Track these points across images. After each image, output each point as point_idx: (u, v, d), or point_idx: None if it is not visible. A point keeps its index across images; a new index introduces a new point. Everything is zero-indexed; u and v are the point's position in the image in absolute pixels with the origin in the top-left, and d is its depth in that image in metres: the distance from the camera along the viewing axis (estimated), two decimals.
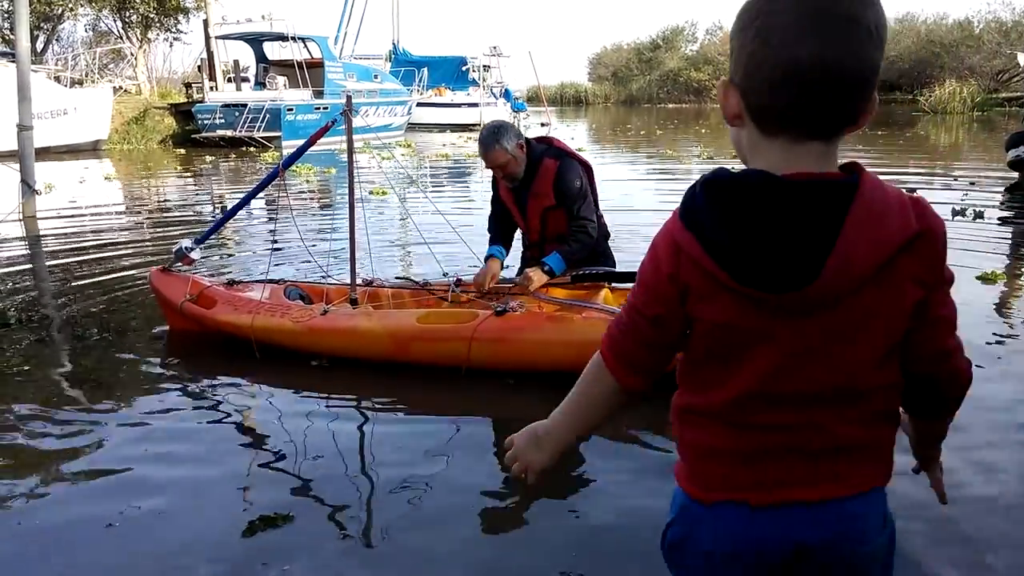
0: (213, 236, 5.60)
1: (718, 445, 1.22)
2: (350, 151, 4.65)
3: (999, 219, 8.67)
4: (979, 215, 8.47)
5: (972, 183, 11.40)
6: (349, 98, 4.75)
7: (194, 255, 4.97)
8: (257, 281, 5.07)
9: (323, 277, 5.27)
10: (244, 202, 4.94)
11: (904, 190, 1.16)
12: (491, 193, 4.84)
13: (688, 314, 1.18)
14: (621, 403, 1.32)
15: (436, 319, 4.22)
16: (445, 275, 4.90)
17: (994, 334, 4.69)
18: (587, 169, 4.57)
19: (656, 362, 1.27)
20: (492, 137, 4.38)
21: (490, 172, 4.62)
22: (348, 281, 4.74)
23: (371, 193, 10.57)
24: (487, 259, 4.59)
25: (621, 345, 1.27)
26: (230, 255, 7.76)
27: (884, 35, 1.08)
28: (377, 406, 3.87)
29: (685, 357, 1.25)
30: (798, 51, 1.05)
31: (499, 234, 4.75)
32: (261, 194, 4.97)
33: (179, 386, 4.16)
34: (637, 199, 10.23)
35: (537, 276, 4.34)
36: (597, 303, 4.09)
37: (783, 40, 1.06)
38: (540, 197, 4.47)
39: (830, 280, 1.07)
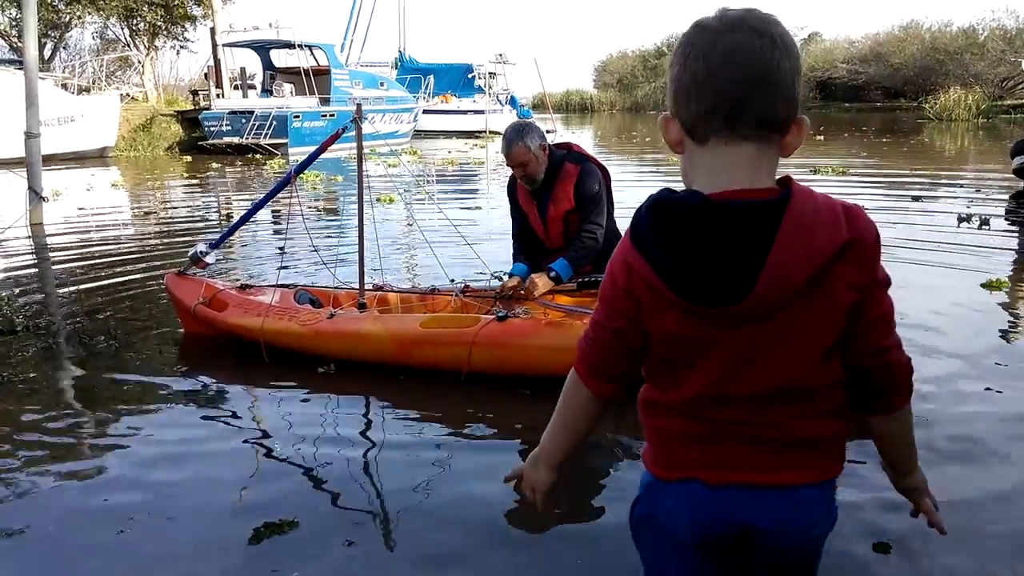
0: (227, 241, 5.63)
1: (679, 430, 1.32)
2: (359, 159, 4.68)
3: (1005, 225, 8.66)
4: (985, 222, 8.47)
5: (978, 190, 11.39)
6: (359, 106, 4.78)
7: (209, 259, 5.06)
8: (269, 285, 5.11)
9: (337, 281, 5.29)
10: (257, 207, 5.00)
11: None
12: (509, 205, 4.82)
13: (644, 326, 1.28)
14: (599, 412, 1.42)
15: (438, 323, 4.25)
16: (452, 281, 4.92)
17: (998, 341, 4.69)
18: (605, 175, 4.58)
19: (624, 370, 1.36)
20: (516, 134, 4.41)
21: (504, 181, 4.63)
22: (357, 286, 4.76)
23: (379, 200, 10.60)
24: (510, 276, 4.60)
25: (591, 357, 1.37)
26: (245, 259, 7.81)
27: (791, 47, 1.20)
28: (383, 412, 3.89)
29: (645, 361, 1.35)
30: (710, 60, 1.19)
31: (524, 250, 4.74)
32: (273, 200, 5.00)
33: (186, 392, 4.18)
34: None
35: (542, 282, 4.35)
36: None
37: (697, 56, 1.20)
38: (561, 202, 4.48)
39: (763, 293, 1.16)
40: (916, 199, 10.45)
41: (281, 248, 7.63)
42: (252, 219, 5.32)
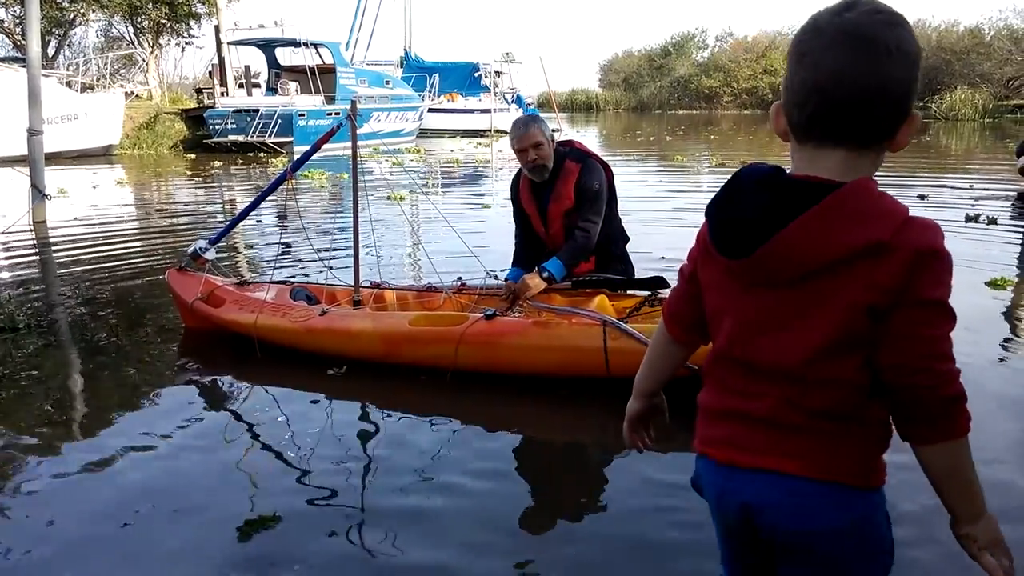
0: (228, 237, 5.63)
1: (704, 404, 1.43)
2: (354, 155, 4.68)
3: (1010, 225, 8.62)
4: (993, 221, 8.47)
5: (986, 189, 11.35)
6: (353, 103, 4.78)
7: (208, 255, 5.06)
8: (267, 281, 5.10)
9: (333, 278, 5.28)
10: (255, 204, 5.00)
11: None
12: (512, 207, 4.81)
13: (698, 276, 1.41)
14: (677, 354, 1.56)
15: (427, 322, 4.24)
16: (459, 279, 4.91)
17: (1001, 339, 4.66)
18: (608, 173, 4.55)
19: (693, 319, 1.47)
20: (530, 119, 4.48)
21: (508, 180, 4.61)
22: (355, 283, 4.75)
23: (388, 198, 10.61)
24: (506, 280, 4.59)
25: (671, 303, 1.53)
26: (249, 256, 7.83)
27: (906, 55, 1.19)
28: (378, 409, 3.86)
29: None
30: (821, 66, 1.20)
31: (523, 255, 4.73)
32: (275, 198, 5.02)
33: (186, 388, 4.18)
34: (646, 202, 10.21)
35: (534, 283, 4.33)
36: (589, 310, 4.07)
37: (812, 59, 1.22)
38: (562, 200, 4.46)
39: (766, 255, 1.23)
40: (922, 197, 10.42)
41: (287, 244, 7.64)
42: (255, 216, 5.34)
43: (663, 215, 9.32)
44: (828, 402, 1.26)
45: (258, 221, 9.53)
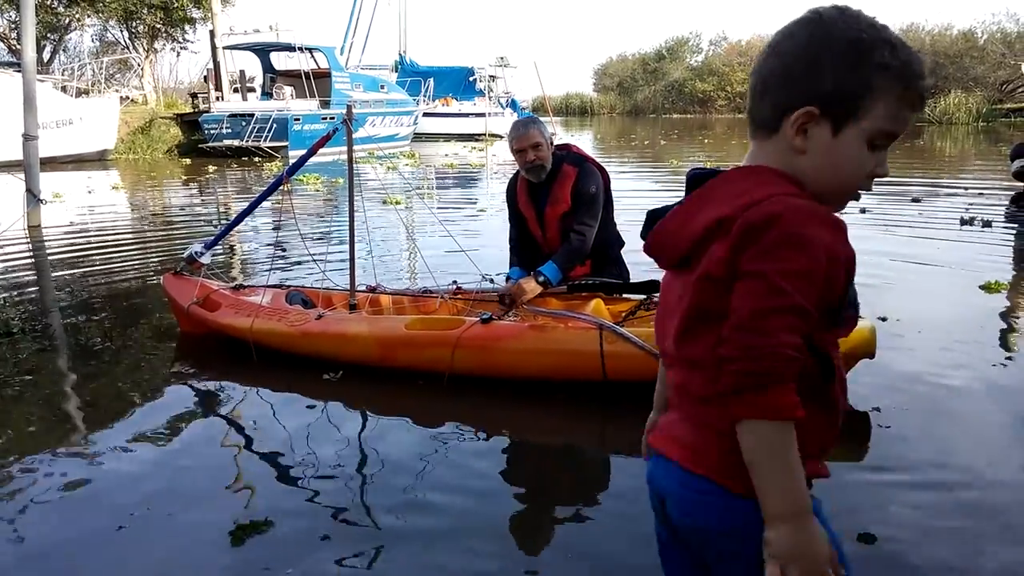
0: (224, 241, 5.63)
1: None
2: (350, 160, 4.68)
3: (1003, 228, 8.64)
4: (987, 224, 8.50)
5: (980, 193, 11.38)
6: (349, 107, 4.79)
7: (204, 260, 5.06)
8: (263, 286, 5.10)
9: (330, 282, 5.28)
10: (250, 209, 5.00)
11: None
12: (508, 209, 4.82)
13: None
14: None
15: (423, 325, 4.24)
16: (454, 283, 4.91)
17: (993, 342, 4.68)
18: (605, 177, 4.56)
19: None
20: (529, 121, 4.51)
21: (504, 184, 4.61)
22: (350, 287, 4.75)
23: (384, 202, 10.60)
24: (506, 280, 4.59)
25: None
26: (245, 260, 7.81)
27: (796, 52, 1.22)
28: (373, 414, 3.86)
29: None
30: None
31: (522, 256, 4.73)
32: (271, 203, 5.01)
33: (181, 393, 4.17)
34: (641, 206, 10.21)
35: (530, 287, 4.33)
36: (585, 314, 4.08)
37: None
38: (559, 203, 4.47)
39: (651, 240, 1.32)
40: (916, 200, 10.45)
41: (283, 248, 7.63)
42: (251, 221, 5.33)
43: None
44: (702, 387, 1.22)
45: (254, 225, 9.56)
